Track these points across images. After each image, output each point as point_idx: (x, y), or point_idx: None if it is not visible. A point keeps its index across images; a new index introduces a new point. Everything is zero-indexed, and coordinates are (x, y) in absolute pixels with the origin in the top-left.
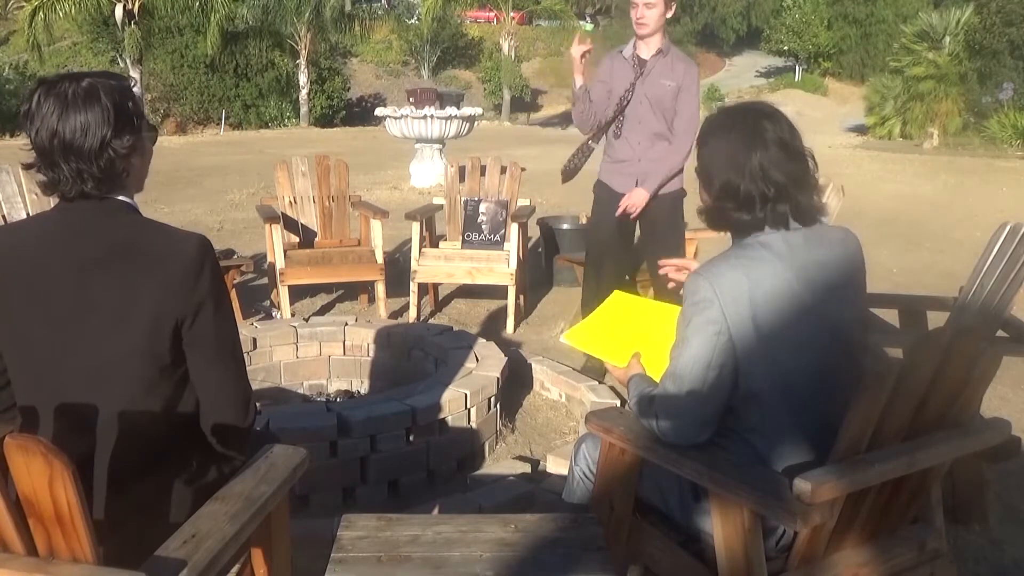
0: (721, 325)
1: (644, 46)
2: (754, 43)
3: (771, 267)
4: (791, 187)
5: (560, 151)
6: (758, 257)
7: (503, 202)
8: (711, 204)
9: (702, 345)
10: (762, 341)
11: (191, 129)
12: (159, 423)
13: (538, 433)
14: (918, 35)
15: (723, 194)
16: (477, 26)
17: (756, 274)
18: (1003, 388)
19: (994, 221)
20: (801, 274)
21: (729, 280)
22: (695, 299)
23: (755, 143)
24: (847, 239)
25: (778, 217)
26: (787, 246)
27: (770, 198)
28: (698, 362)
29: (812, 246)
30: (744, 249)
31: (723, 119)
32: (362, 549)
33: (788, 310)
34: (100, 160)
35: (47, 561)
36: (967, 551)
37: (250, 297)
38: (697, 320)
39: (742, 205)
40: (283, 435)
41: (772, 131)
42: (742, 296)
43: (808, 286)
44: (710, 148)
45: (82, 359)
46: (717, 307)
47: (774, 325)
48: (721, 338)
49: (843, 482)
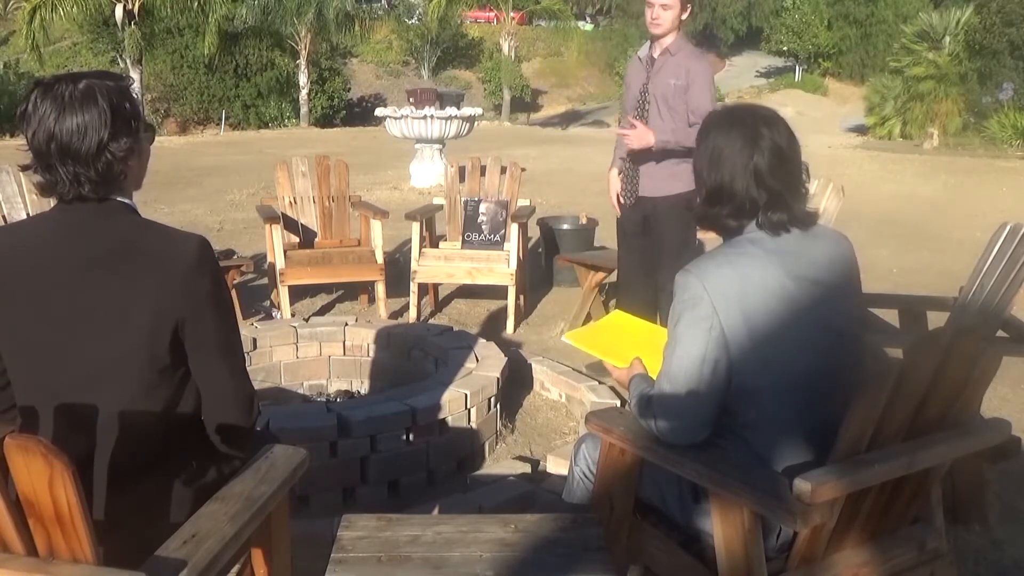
0: (712, 320)
1: (657, 46)
2: (754, 43)
3: (760, 264)
4: (786, 195)
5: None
6: (747, 254)
7: (503, 202)
8: (699, 204)
9: (694, 341)
10: (754, 337)
11: (191, 129)
12: (159, 423)
13: (538, 433)
14: (918, 35)
15: (713, 196)
16: (477, 26)
17: (745, 270)
18: (1003, 388)
19: (994, 221)
20: (793, 272)
21: (718, 276)
22: (684, 296)
23: (751, 147)
24: (840, 240)
25: (773, 224)
26: (777, 244)
27: (761, 205)
28: (692, 359)
29: (804, 245)
30: (733, 247)
31: (722, 119)
32: (362, 549)
33: (779, 307)
34: (97, 163)
35: (47, 561)
36: (967, 551)
37: (250, 297)
38: (688, 317)
39: (731, 210)
40: (283, 435)
41: (769, 137)
42: (732, 292)
43: (800, 284)
44: (705, 147)
45: (82, 360)
46: (707, 302)
47: (765, 321)
48: (713, 333)
49: (843, 482)
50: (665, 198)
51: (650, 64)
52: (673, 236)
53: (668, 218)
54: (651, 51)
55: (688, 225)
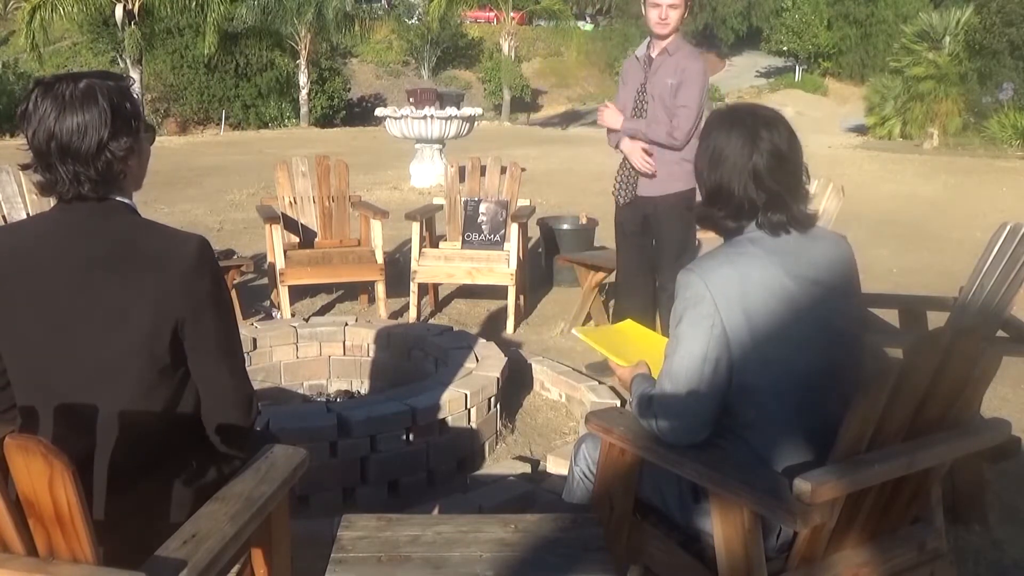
0: (714, 318)
1: (655, 46)
2: (754, 43)
3: (761, 263)
4: (786, 196)
5: (560, 151)
6: (748, 253)
7: (503, 202)
8: (700, 204)
9: (696, 340)
10: (754, 336)
11: (191, 129)
12: (159, 423)
13: (538, 433)
14: (918, 35)
15: (712, 196)
16: (477, 26)
17: (746, 269)
18: (1003, 388)
19: (994, 221)
20: (793, 271)
21: (720, 275)
22: (686, 294)
23: (751, 148)
24: (839, 241)
25: (775, 226)
26: (777, 244)
27: (760, 206)
28: (694, 358)
29: (804, 245)
30: (734, 246)
31: (723, 119)
32: (362, 549)
33: (780, 307)
34: (97, 163)
35: (47, 561)
36: (967, 551)
37: (250, 297)
38: (690, 315)
39: (730, 210)
40: (283, 435)
41: (769, 139)
42: (733, 290)
43: (800, 283)
44: (705, 147)
45: (82, 360)
46: (709, 301)
47: (766, 321)
48: (715, 331)
49: (843, 482)
50: (664, 197)
51: (648, 64)
52: (672, 236)
53: (667, 218)
54: (649, 51)
55: (688, 224)
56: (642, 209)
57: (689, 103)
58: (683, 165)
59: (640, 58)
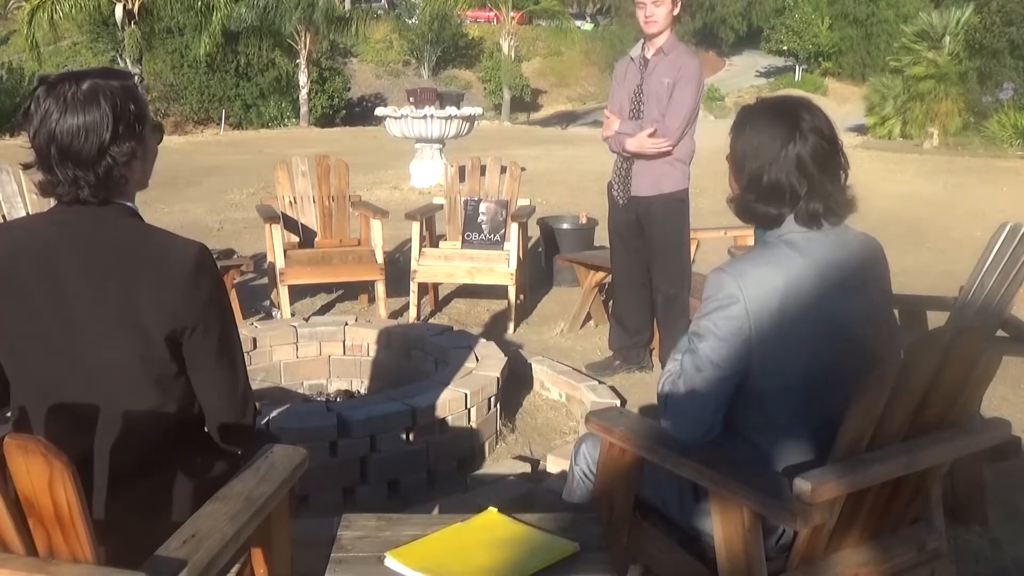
0: (743, 323)
1: (650, 46)
2: (754, 43)
3: (796, 266)
4: (826, 182)
5: (560, 151)
6: (785, 255)
7: (503, 202)
8: (738, 194)
9: (722, 342)
10: (778, 341)
11: (191, 129)
12: (159, 423)
13: (538, 433)
14: (918, 35)
15: (751, 184)
16: (477, 26)
17: (784, 272)
18: (1003, 388)
19: (994, 221)
20: (824, 275)
21: (755, 278)
22: (719, 295)
23: (794, 134)
24: (868, 242)
25: (811, 215)
26: (810, 245)
27: (802, 195)
28: (716, 357)
29: (834, 247)
30: (768, 248)
31: (762, 109)
32: (362, 549)
33: (806, 314)
34: (98, 167)
35: (47, 561)
36: (967, 551)
37: (250, 297)
38: (718, 317)
39: (770, 198)
40: (283, 435)
41: (810, 121)
42: (768, 295)
43: (822, 284)
44: (746, 136)
45: (81, 362)
46: (742, 305)
47: (792, 329)
48: (740, 337)
49: (843, 482)
50: (657, 197)
51: (643, 64)
52: (666, 235)
53: (661, 217)
54: (644, 51)
55: (682, 223)
56: (635, 210)
57: (684, 100)
58: (676, 165)
59: (635, 59)
